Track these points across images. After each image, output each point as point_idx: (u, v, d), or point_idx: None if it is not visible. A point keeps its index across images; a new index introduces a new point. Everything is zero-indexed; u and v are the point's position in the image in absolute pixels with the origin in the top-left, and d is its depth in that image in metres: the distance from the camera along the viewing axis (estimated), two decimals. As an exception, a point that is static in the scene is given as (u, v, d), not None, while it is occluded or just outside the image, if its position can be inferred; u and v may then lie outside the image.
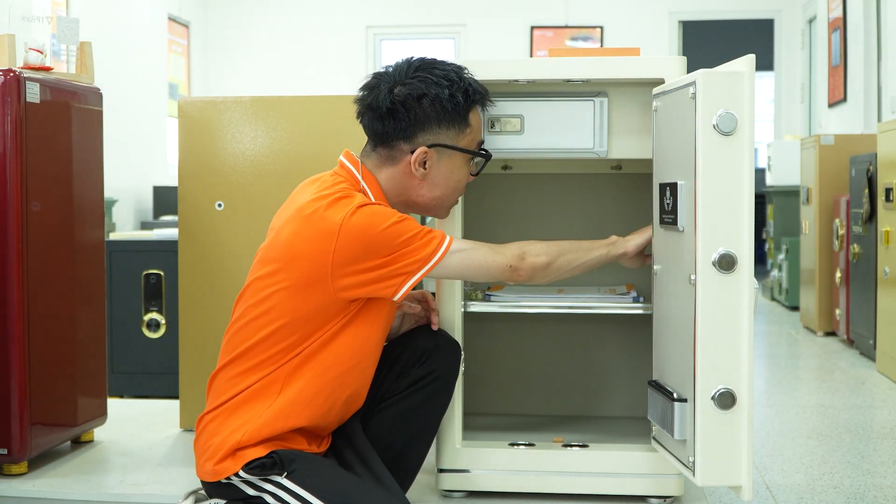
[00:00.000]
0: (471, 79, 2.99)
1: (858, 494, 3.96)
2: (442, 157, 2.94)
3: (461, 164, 2.98)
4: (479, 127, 3.04)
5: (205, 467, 2.88)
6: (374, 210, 2.79)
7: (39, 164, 3.59)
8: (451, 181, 2.97)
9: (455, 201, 3.09)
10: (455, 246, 2.87)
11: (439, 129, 2.93)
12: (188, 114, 4.01)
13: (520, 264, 2.95)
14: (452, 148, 2.94)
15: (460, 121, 2.94)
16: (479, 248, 2.93)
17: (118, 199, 10.73)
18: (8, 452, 3.55)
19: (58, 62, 4.11)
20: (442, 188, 2.97)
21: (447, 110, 2.91)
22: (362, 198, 2.83)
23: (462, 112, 2.94)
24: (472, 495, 3.39)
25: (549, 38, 13.55)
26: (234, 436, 2.81)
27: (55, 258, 3.72)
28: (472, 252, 2.91)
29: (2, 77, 3.49)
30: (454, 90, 2.92)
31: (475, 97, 2.97)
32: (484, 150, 3.06)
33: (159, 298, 5.49)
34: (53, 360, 3.71)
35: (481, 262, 2.91)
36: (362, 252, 2.76)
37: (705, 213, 2.79)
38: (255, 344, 2.85)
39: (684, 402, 2.90)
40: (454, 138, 2.95)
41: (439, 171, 2.95)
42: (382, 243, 2.76)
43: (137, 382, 5.55)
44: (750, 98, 2.78)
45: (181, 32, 13.43)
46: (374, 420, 3.09)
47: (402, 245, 2.78)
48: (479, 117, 3.03)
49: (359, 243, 2.75)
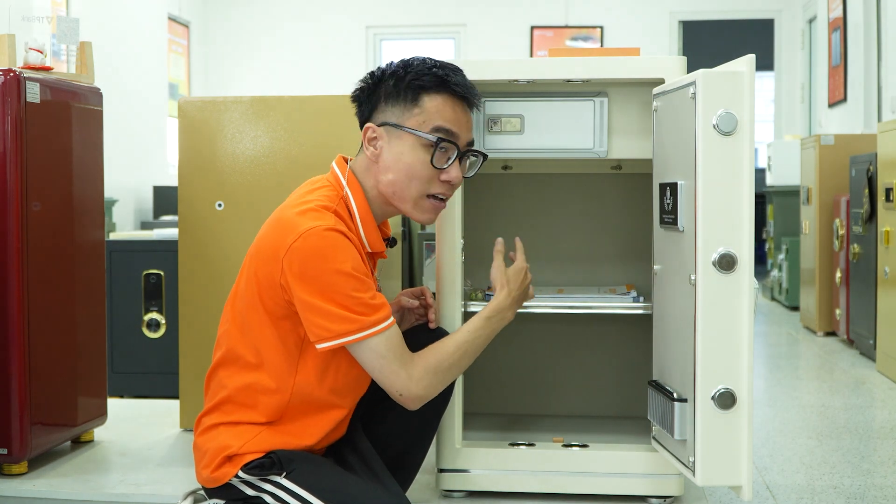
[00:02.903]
0: (439, 68, 2.89)
1: (858, 494, 3.96)
2: (392, 138, 2.85)
3: (412, 146, 2.84)
4: (439, 112, 2.86)
5: (202, 474, 2.88)
6: (337, 244, 2.70)
7: (39, 163, 3.59)
8: (402, 164, 2.84)
9: (422, 194, 2.89)
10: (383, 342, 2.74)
11: (386, 106, 2.87)
12: (188, 114, 4.02)
13: (409, 396, 2.80)
14: (398, 126, 2.84)
15: (409, 100, 2.85)
16: (393, 363, 2.76)
17: (118, 199, 10.73)
18: (8, 452, 3.55)
19: (58, 62, 4.11)
20: (393, 171, 2.85)
21: (398, 88, 2.86)
22: (335, 221, 2.74)
23: (410, 90, 2.85)
24: (472, 495, 3.39)
25: (549, 38, 13.55)
26: (232, 446, 2.83)
27: (55, 258, 3.72)
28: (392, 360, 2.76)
29: (2, 77, 3.49)
30: (409, 70, 2.87)
31: (425, 80, 2.85)
32: (440, 138, 2.86)
33: (159, 298, 5.49)
34: (53, 360, 3.71)
35: (388, 372, 2.76)
36: (299, 275, 2.70)
37: (705, 213, 2.79)
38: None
39: (684, 402, 2.90)
40: (399, 116, 2.85)
41: (390, 151, 2.85)
42: (322, 282, 2.69)
43: (137, 382, 5.54)
44: (750, 98, 2.78)
45: (181, 32, 13.43)
46: (374, 420, 3.09)
47: (339, 301, 2.69)
48: (441, 104, 2.87)
49: (302, 266, 2.69)
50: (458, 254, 3.30)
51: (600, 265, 3.94)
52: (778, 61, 13.40)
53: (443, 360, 2.83)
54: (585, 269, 3.94)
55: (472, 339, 2.91)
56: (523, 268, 3.07)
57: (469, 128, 2.93)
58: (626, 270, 3.91)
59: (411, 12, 13.84)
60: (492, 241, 3.08)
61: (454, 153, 2.88)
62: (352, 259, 2.71)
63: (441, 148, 2.85)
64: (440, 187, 2.89)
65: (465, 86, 2.90)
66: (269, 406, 2.83)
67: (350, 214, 2.85)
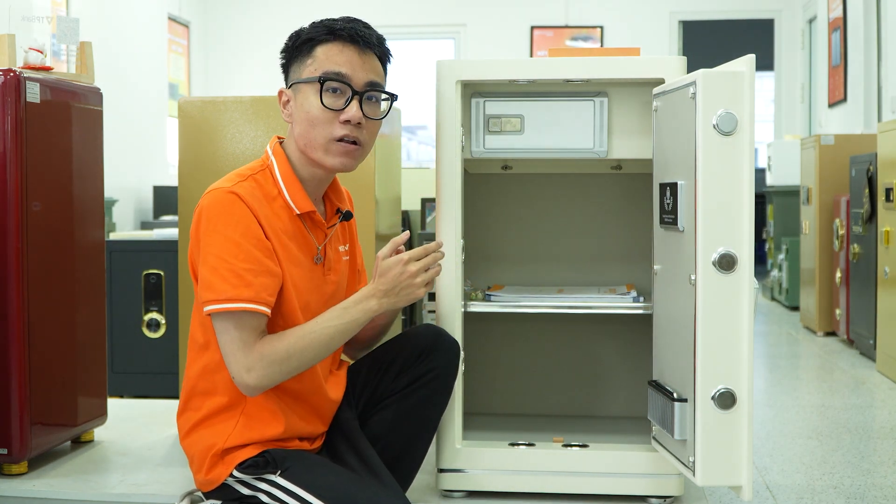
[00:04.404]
0: (333, 21, 2.94)
1: (858, 494, 3.96)
2: (296, 95, 2.91)
3: (306, 94, 2.89)
4: (329, 58, 2.89)
5: (197, 478, 2.90)
6: (232, 207, 2.75)
7: (39, 163, 3.59)
8: (302, 113, 2.89)
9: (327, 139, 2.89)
10: (233, 320, 2.73)
11: (290, 68, 2.96)
12: (188, 114, 4.02)
13: (241, 383, 2.75)
14: (298, 82, 2.91)
15: (304, 53, 2.92)
16: (235, 345, 2.73)
17: (118, 199, 10.73)
18: (8, 452, 3.55)
19: (58, 62, 4.11)
20: (298, 123, 2.91)
21: (297, 48, 2.93)
22: (243, 187, 2.80)
23: (305, 46, 2.92)
24: (472, 495, 3.39)
25: (549, 38, 13.55)
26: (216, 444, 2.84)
27: (55, 258, 3.72)
28: (235, 342, 2.73)
29: (2, 77, 3.49)
30: (301, 30, 2.95)
31: (315, 32, 2.92)
32: (325, 78, 2.87)
33: (159, 298, 5.49)
34: (53, 360, 3.71)
35: (229, 351, 2.74)
36: (195, 234, 2.79)
37: (705, 213, 2.79)
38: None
39: (684, 402, 2.90)
40: (298, 72, 2.92)
41: (296, 107, 2.91)
42: (206, 240, 2.75)
43: (137, 382, 5.54)
44: (750, 98, 2.79)
45: (181, 32, 13.43)
46: (373, 419, 3.09)
47: (212, 263, 2.72)
48: (330, 50, 2.90)
49: (197, 224, 2.78)
50: (458, 254, 3.30)
51: (600, 265, 3.94)
52: (778, 61, 13.40)
53: (281, 350, 2.75)
54: (585, 268, 3.94)
55: (321, 329, 2.81)
56: (400, 260, 2.90)
57: (365, 69, 2.93)
58: (627, 270, 3.91)
59: (412, 12, 13.84)
60: (492, 241, 3.08)
61: (349, 93, 2.89)
62: (244, 225, 2.75)
63: (332, 89, 2.88)
64: (343, 129, 2.89)
65: (353, 30, 2.93)
66: (225, 383, 2.83)
67: (274, 180, 2.89)
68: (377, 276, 2.89)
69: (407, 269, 2.88)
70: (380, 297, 2.88)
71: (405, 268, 2.88)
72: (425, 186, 7.91)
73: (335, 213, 3.06)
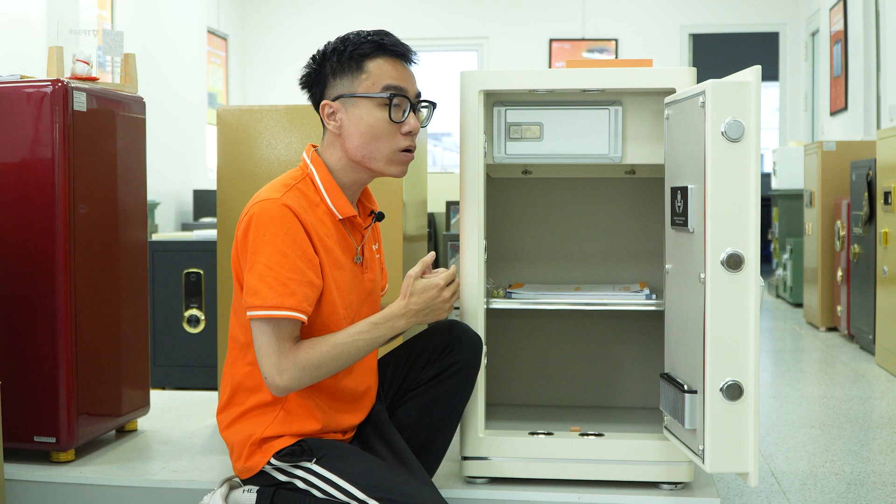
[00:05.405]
0: (373, 35, 2.93)
1: (858, 480, 3.94)
2: (348, 107, 2.88)
3: (368, 109, 2.87)
4: (384, 73, 2.89)
5: (236, 466, 2.90)
6: (282, 218, 2.74)
7: (86, 169, 3.60)
8: (364, 127, 2.86)
9: (392, 150, 2.90)
10: (272, 325, 2.72)
11: (335, 81, 2.91)
12: (226, 121, 4.02)
13: (272, 384, 2.74)
14: (352, 95, 2.88)
15: (354, 69, 2.88)
16: (271, 347, 2.72)
17: (160, 202, 10.75)
18: (56, 441, 3.56)
19: (103, 73, 4.11)
20: (357, 136, 2.87)
21: (342, 62, 2.89)
22: (291, 197, 2.78)
23: (353, 60, 2.89)
24: (494, 481, 3.38)
25: (566, 50, 13.53)
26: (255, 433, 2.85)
27: (101, 258, 3.73)
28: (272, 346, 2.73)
29: (51, 87, 3.50)
30: (347, 44, 2.91)
31: (364, 48, 2.89)
32: (392, 94, 2.88)
33: (199, 296, 5.50)
34: (99, 354, 3.72)
35: (265, 353, 2.73)
36: (243, 241, 2.78)
37: (714, 216, 2.78)
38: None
39: (694, 394, 2.89)
40: (350, 86, 2.88)
41: (349, 119, 2.88)
42: (254, 248, 2.74)
43: (178, 375, 5.56)
44: (756, 107, 2.78)
45: (220, 45, 13.46)
46: (401, 409, 3.09)
47: (260, 271, 2.72)
48: (383, 65, 2.90)
49: (245, 232, 2.77)
50: (481, 253, 3.29)
51: (615, 264, 3.92)
52: (782, 72, 13.36)
53: (313, 357, 2.75)
54: (601, 267, 3.93)
55: (352, 342, 2.81)
56: (436, 285, 2.94)
57: (413, 81, 2.96)
58: (640, 269, 3.89)
59: (438, 26, 13.86)
60: (513, 241, 3.07)
61: (407, 106, 2.91)
62: (291, 237, 2.74)
63: (394, 104, 2.89)
64: (405, 140, 2.91)
65: (399, 44, 2.95)
66: None
67: (315, 188, 2.88)
68: (408, 294, 2.91)
69: (442, 294, 2.94)
70: (409, 317, 2.90)
71: (440, 293, 2.94)
72: (450, 190, 7.92)
73: (368, 214, 3.07)
